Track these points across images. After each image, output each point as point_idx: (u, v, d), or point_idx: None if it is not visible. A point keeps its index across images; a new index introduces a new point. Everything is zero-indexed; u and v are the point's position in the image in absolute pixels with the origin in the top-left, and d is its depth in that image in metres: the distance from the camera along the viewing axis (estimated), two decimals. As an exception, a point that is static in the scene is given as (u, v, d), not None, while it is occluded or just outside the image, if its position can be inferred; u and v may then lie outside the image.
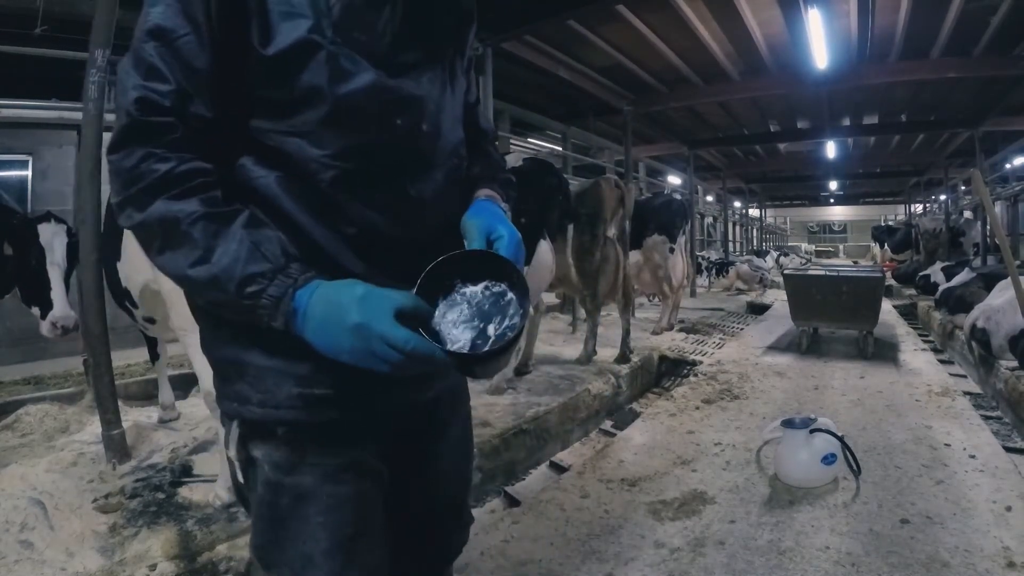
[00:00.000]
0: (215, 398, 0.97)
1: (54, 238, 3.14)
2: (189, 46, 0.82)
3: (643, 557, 2.29)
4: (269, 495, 0.92)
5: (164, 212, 0.80)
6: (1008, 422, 4.04)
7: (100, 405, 2.82)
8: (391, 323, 0.78)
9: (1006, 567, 2.10)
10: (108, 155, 0.82)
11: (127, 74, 0.83)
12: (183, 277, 0.82)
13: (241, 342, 0.91)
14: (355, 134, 0.90)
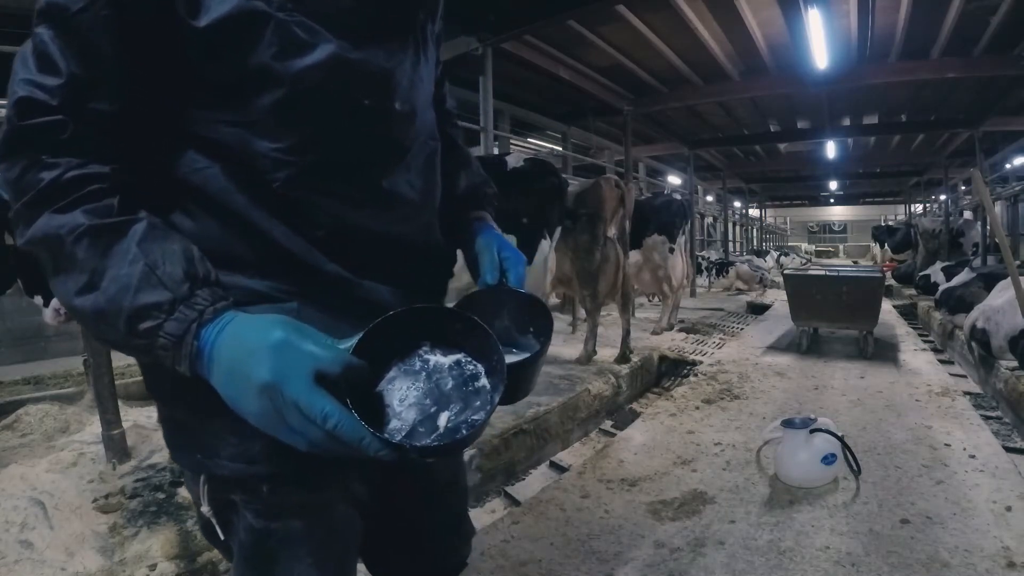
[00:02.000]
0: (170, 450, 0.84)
1: None
2: (88, 24, 0.67)
3: (643, 557, 2.29)
4: (254, 541, 0.81)
5: (46, 228, 0.66)
6: (1008, 422, 4.04)
7: (100, 405, 2.82)
8: (309, 387, 0.60)
9: (1006, 567, 2.10)
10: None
11: (17, 68, 0.69)
12: (71, 308, 0.67)
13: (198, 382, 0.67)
14: (314, 120, 0.75)
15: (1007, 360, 4.39)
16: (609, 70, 7.80)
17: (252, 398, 0.62)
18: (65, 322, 3.12)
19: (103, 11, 0.67)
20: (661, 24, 6.43)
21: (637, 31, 6.47)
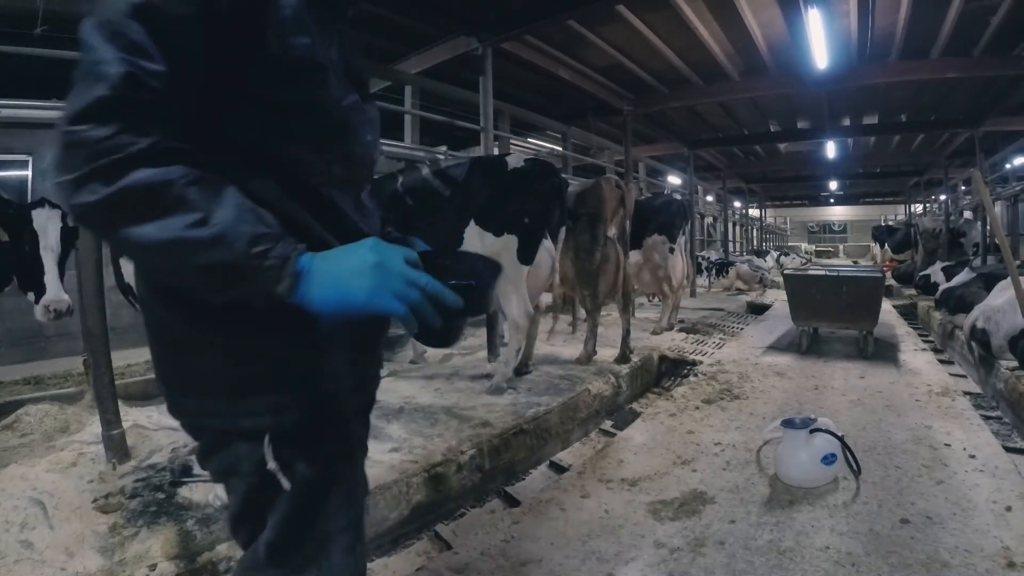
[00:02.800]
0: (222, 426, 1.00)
1: (48, 223, 3.15)
2: (185, 31, 0.81)
3: (643, 557, 2.29)
4: (302, 491, 0.99)
5: (150, 177, 0.76)
6: (1008, 422, 4.04)
7: (100, 405, 2.82)
8: (405, 264, 0.87)
9: (1006, 567, 2.10)
10: (70, 125, 0.76)
11: (103, 43, 0.79)
12: (174, 241, 0.77)
13: (273, 351, 0.95)
14: (344, 143, 1.01)
15: (1007, 360, 4.38)
16: (609, 70, 7.80)
17: (366, 277, 0.84)
18: (55, 319, 3.12)
19: (198, 23, 0.82)
20: (661, 24, 6.43)
21: (637, 31, 6.48)
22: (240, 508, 1.04)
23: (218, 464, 1.04)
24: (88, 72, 0.79)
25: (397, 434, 3.25)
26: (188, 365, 0.99)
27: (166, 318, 0.98)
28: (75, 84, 0.79)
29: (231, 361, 0.96)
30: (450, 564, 2.31)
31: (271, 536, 1.00)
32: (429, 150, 6.63)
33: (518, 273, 4.02)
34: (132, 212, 0.77)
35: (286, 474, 0.98)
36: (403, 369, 4.92)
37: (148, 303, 1.01)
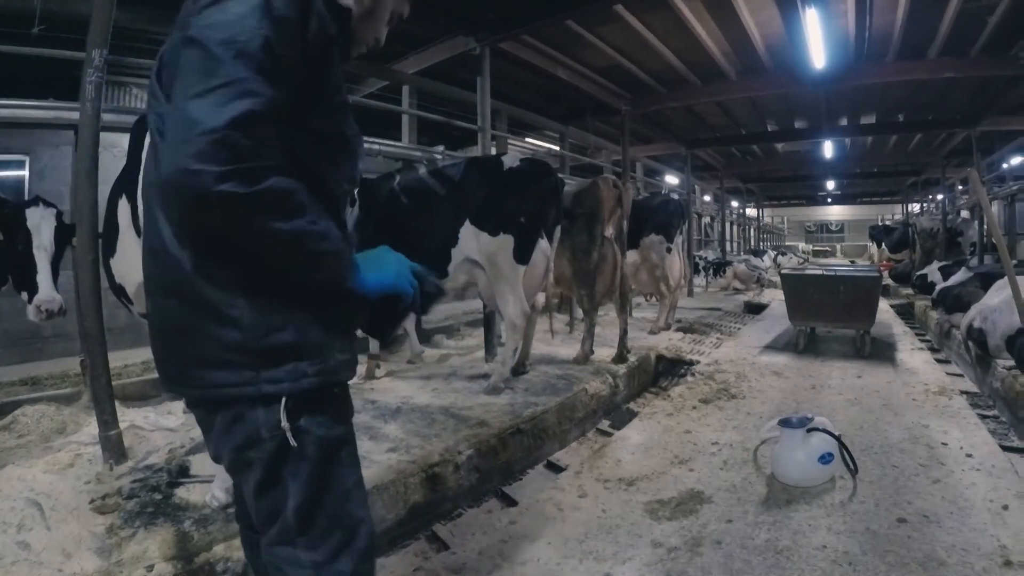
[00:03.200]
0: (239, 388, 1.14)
1: (42, 222, 3.14)
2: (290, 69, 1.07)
3: (640, 556, 2.29)
4: (317, 452, 1.17)
5: (285, 185, 1.02)
6: (1005, 421, 4.05)
7: (97, 406, 2.82)
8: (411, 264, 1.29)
9: (1003, 565, 2.11)
10: (228, 129, 0.95)
11: (234, 60, 1.00)
12: (299, 233, 1.04)
13: (298, 325, 1.15)
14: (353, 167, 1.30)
15: (1004, 359, 4.39)
16: (607, 70, 7.80)
17: (392, 268, 1.23)
18: (47, 319, 3.10)
19: (299, 66, 1.09)
20: (659, 24, 6.43)
21: (635, 31, 6.47)
22: (263, 478, 1.17)
23: (238, 438, 1.16)
24: (231, 84, 0.98)
25: (394, 434, 3.25)
26: (220, 339, 1.12)
27: (210, 295, 1.12)
28: (210, 87, 0.98)
29: (260, 333, 1.12)
30: (447, 564, 2.31)
31: (298, 501, 1.15)
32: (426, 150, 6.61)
33: (515, 273, 4.02)
34: (269, 208, 1.00)
35: (300, 436, 1.15)
36: (400, 369, 4.92)
37: (187, 284, 1.14)
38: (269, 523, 1.19)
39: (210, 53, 1.00)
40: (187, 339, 1.16)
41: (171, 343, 1.20)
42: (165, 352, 1.23)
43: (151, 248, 1.21)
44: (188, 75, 1.01)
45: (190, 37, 1.03)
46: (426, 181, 4.27)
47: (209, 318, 1.13)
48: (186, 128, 0.96)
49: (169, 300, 1.18)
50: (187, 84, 1.00)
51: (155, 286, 1.22)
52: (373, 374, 4.68)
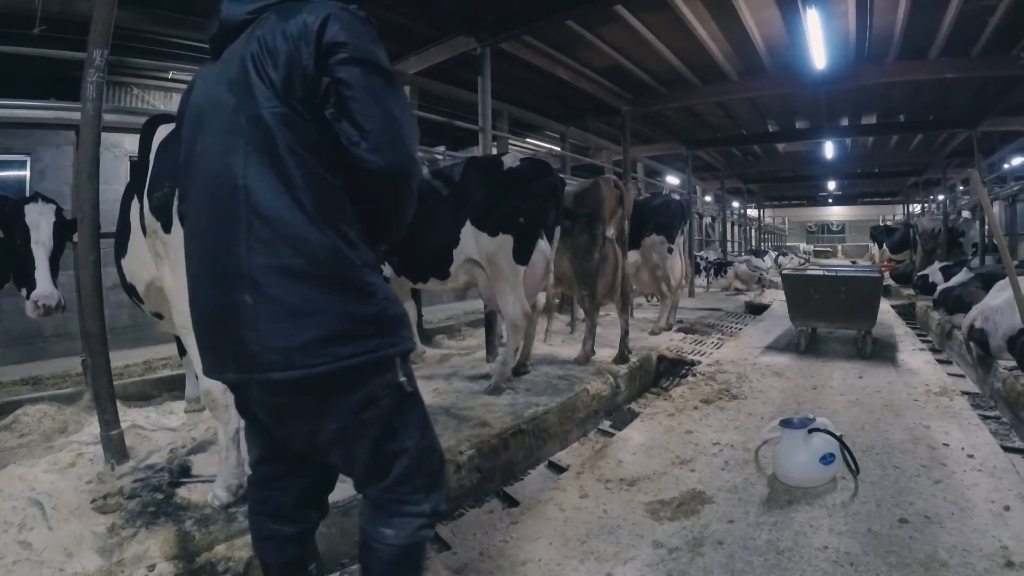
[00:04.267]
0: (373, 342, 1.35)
1: (40, 217, 3.14)
2: None
3: (642, 557, 2.29)
4: (416, 399, 1.49)
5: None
6: (1006, 422, 4.05)
7: (98, 405, 2.82)
8: None
9: (1004, 566, 2.11)
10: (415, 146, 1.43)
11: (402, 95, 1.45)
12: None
13: (395, 299, 1.45)
14: None
15: (1005, 360, 4.39)
16: (607, 70, 7.80)
17: None
18: (44, 315, 3.10)
19: None
20: (659, 24, 6.43)
21: (635, 31, 6.47)
22: (381, 432, 1.41)
23: (352, 405, 1.36)
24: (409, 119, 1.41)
25: (396, 434, 3.25)
26: (355, 314, 1.34)
27: (352, 276, 1.35)
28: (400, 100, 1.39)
29: (386, 304, 1.40)
30: (449, 564, 2.31)
31: (416, 441, 1.44)
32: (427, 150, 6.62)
33: (514, 273, 4.02)
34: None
35: (411, 383, 1.45)
36: (402, 369, 4.92)
37: (330, 267, 1.33)
38: (383, 473, 1.43)
39: (390, 76, 1.37)
40: (314, 319, 1.31)
41: (290, 325, 1.30)
42: (273, 336, 1.30)
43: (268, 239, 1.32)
44: (386, 93, 1.34)
45: (364, 60, 1.33)
46: (428, 182, 4.27)
47: (348, 298, 1.34)
48: (406, 130, 1.37)
49: (292, 284, 1.31)
50: (391, 99, 1.35)
51: (265, 274, 1.31)
52: (374, 374, 4.68)
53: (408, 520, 1.44)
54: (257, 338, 1.31)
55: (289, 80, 1.32)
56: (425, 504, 1.46)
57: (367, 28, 1.38)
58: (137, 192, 2.57)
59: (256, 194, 1.31)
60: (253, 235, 1.31)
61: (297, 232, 1.30)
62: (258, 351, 1.31)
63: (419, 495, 1.45)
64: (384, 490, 1.44)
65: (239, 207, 1.32)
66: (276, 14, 1.39)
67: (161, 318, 2.95)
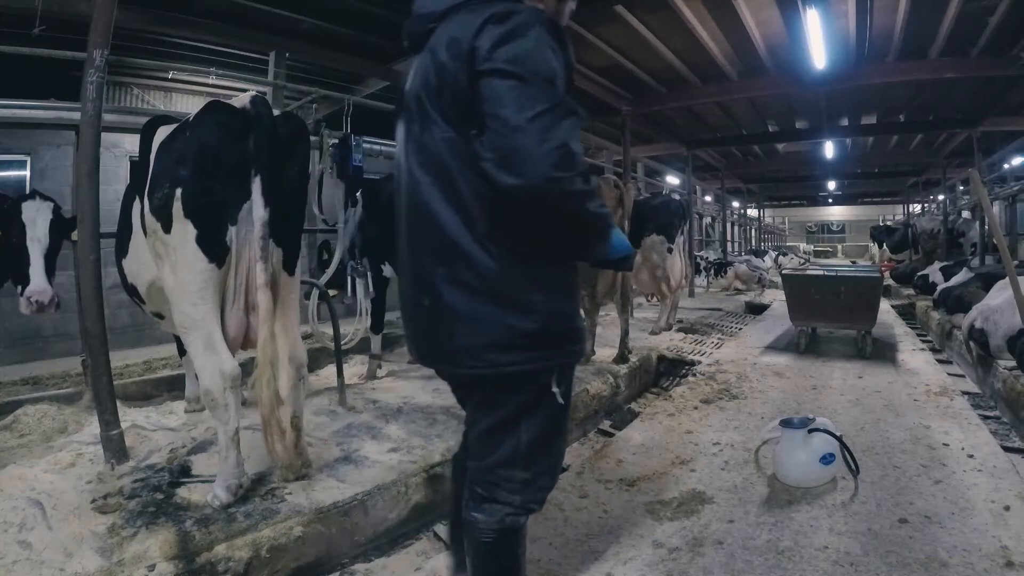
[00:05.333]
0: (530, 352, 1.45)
1: (37, 215, 3.15)
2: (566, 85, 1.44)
3: (642, 557, 2.29)
4: (557, 408, 1.54)
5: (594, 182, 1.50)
6: (1006, 422, 4.05)
7: (98, 405, 2.82)
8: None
9: (1004, 566, 2.11)
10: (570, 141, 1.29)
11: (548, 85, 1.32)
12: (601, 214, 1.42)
13: (571, 315, 1.55)
14: None
15: (1005, 360, 4.39)
16: (607, 70, 7.80)
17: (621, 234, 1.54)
18: (38, 311, 3.10)
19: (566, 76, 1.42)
20: (659, 24, 6.43)
21: (635, 31, 6.47)
22: (504, 419, 1.52)
23: (501, 397, 1.52)
24: (558, 106, 1.28)
25: (396, 434, 3.25)
26: (515, 327, 1.43)
27: (511, 291, 1.43)
28: (540, 110, 1.25)
29: (550, 321, 1.46)
30: (449, 564, 2.31)
31: (531, 437, 1.52)
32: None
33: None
34: (593, 197, 1.37)
35: (552, 396, 1.52)
36: (402, 369, 4.92)
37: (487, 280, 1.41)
38: (494, 450, 1.54)
39: (527, 82, 1.27)
40: (478, 327, 1.44)
41: (457, 330, 1.46)
42: (443, 337, 1.49)
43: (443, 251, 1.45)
44: (512, 102, 1.26)
45: (499, 70, 1.28)
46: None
47: (510, 312, 1.42)
48: (537, 144, 1.24)
49: (461, 294, 1.44)
50: (517, 109, 1.26)
51: (442, 282, 1.46)
52: (374, 374, 4.68)
53: (497, 507, 1.55)
54: (432, 336, 1.55)
55: (453, 99, 1.37)
56: (517, 496, 1.55)
57: (521, 28, 1.31)
58: (138, 193, 2.57)
59: (436, 211, 1.44)
60: (435, 247, 1.46)
61: (467, 249, 1.41)
62: (432, 346, 1.57)
63: (514, 486, 1.54)
64: (483, 469, 1.57)
65: (426, 220, 1.47)
66: (461, 14, 1.40)
67: (162, 318, 2.95)
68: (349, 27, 6.44)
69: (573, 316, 1.56)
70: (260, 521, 2.25)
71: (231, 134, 2.35)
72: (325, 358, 4.83)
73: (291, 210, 2.58)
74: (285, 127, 2.50)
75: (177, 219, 2.32)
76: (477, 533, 1.57)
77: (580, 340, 1.57)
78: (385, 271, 4.58)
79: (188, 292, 2.35)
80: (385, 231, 4.45)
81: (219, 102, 2.46)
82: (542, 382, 1.50)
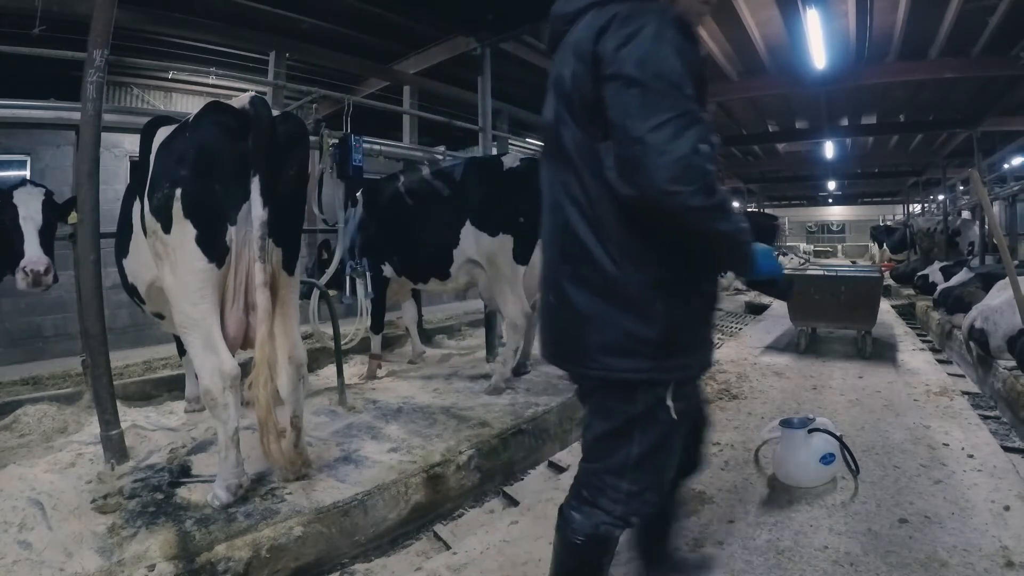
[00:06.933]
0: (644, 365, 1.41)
1: (29, 197, 3.18)
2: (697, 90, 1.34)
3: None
4: (670, 422, 1.46)
5: (726, 195, 1.30)
6: (1006, 421, 4.04)
7: (98, 405, 2.82)
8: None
9: (1004, 566, 2.11)
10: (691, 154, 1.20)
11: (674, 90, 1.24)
12: (735, 231, 1.31)
13: (694, 327, 1.47)
14: None
15: (1005, 360, 4.38)
16: (608, 70, 7.79)
17: (770, 257, 1.45)
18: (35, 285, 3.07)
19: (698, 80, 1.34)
20: (659, 24, 6.43)
21: (636, 31, 6.47)
22: (616, 428, 1.49)
23: (615, 405, 1.48)
24: (681, 115, 1.21)
25: (396, 434, 3.25)
26: (633, 333, 1.39)
27: (632, 297, 1.38)
28: (663, 120, 1.19)
29: (672, 332, 1.39)
30: (449, 564, 2.31)
31: (641, 450, 1.47)
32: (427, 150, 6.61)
33: (514, 273, 4.02)
34: (719, 213, 1.26)
35: (665, 410, 1.45)
36: (402, 369, 4.92)
37: (608, 285, 1.39)
38: (604, 457, 1.52)
39: (650, 89, 1.21)
40: (595, 328, 1.42)
41: (575, 329, 1.46)
42: (565, 336, 1.51)
43: (570, 249, 1.45)
44: (634, 110, 1.22)
45: (621, 75, 1.24)
46: (428, 182, 4.27)
47: (630, 317, 1.39)
48: (655, 156, 1.19)
49: (576, 292, 1.44)
50: (637, 118, 1.21)
51: (566, 280, 1.46)
52: (375, 374, 4.68)
53: (597, 512, 1.53)
54: (555, 334, 1.55)
55: (581, 103, 1.35)
56: (619, 507, 1.52)
57: (644, 29, 1.26)
58: (138, 193, 2.58)
59: (563, 208, 1.45)
60: (562, 245, 1.47)
61: (592, 251, 1.40)
62: (555, 345, 1.57)
63: (619, 496, 1.51)
64: (591, 472, 1.56)
65: (555, 216, 1.49)
66: (590, 15, 1.38)
67: (162, 318, 2.96)
68: (349, 27, 6.45)
69: (698, 328, 1.49)
70: (260, 521, 2.25)
71: (230, 134, 2.35)
72: (325, 358, 4.83)
73: (290, 210, 2.59)
74: (284, 127, 2.50)
75: (177, 219, 2.32)
76: (570, 532, 1.57)
77: (704, 354, 1.52)
78: (385, 271, 4.58)
79: (188, 292, 2.35)
80: (386, 231, 4.45)
81: (219, 102, 2.46)
82: (658, 394, 1.44)
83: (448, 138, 10.62)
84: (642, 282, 1.38)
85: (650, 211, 1.28)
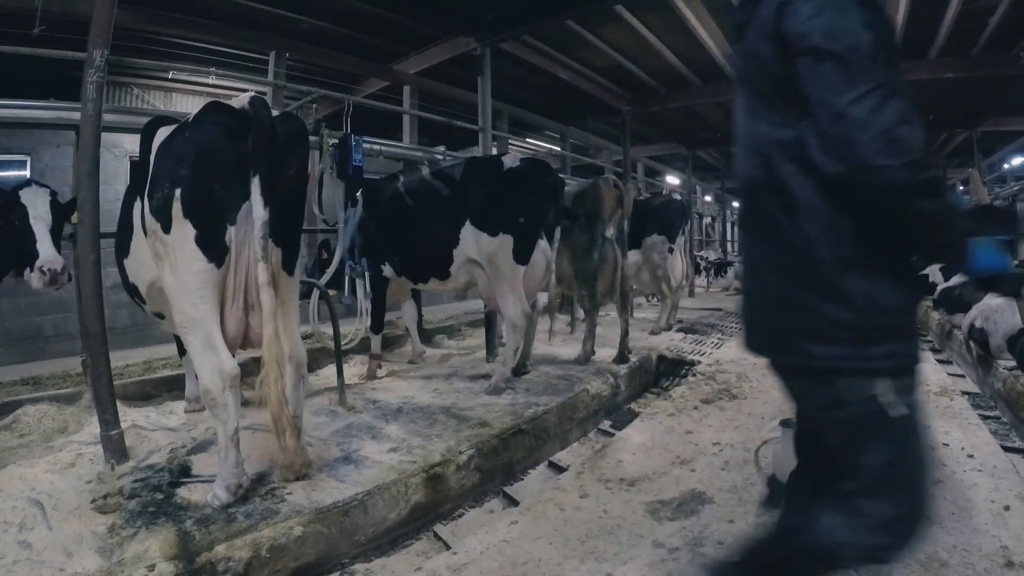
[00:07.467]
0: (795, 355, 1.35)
1: (36, 197, 3.19)
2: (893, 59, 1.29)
3: (642, 557, 2.29)
4: (903, 422, 1.27)
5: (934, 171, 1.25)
6: (1006, 422, 4.04)
7: (98, 405, 2.82)
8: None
9: (1004, 566, 2.10)
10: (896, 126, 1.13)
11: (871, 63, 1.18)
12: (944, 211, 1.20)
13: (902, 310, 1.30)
14: None
15: (1005, 360, 4.38)
16: (607, 70, 7.80)
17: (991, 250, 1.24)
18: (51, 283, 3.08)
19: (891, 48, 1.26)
20: (659, 24, 6.44)
21: (636, 31, 6.48)
22: (842, 437, 1.33)
23: (824, 400, 1.34)
24: (881, 86, 1.15)
25: (396, 434, 3.25)
26: (829, 316, 1.28)
27: (825, 276, 1.28)
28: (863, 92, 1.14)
29: (871, 316, 1.26)
30: (449, 564, 2.31)
31: (872, 460, 1.28)
32: (427, 150, 6.62)
33: (514, 273, 4.02)
34: (927, 190, 1.16)
35: (894, 408, 1.26)
36: (402, 369, 4.92)
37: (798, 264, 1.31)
38: (827, 473, 1.36)
39: (846, 61, 1.17)
40: (791, 314, 1.34)
41: (771, 315, 1.41)
42: (761, 322, 1.46)
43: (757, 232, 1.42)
44: (831, 84, 1.17)
45: (813, 48, 1.19)
46: (428, 182, 4.27)
47: (820, 297, 1.28)
48: (858, 130, 1.13)
49: (771, 277, 1.38)
50: (836, 92, 1.16)
51: (759, 264, 1.43)
52: (375, 374, 4.68)
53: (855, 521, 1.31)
54: (755, 321, 1.51)
55: (769, 83, 1.32)
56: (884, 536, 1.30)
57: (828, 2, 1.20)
58: (138, 193, 2.58)
59: (758, 191, 1.39)
60: (759, 229, 1.43)
61: (783, 229, 1.33)
62: (755, 332, 1.52)
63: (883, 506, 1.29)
64: (809, 491, 1.47)
65: (751, 201, 1.45)
66: None
67: (162, 318, 2.96)
68: (349, 27, 6.45)
69: (905, 312, 1.33)
70: (260, 521, 2.25)
71: (230, 135, 2.35)
72: (325, 358, 4.83)
73: (290, 210, 2.59)
74: (284, 128, 2.50)
75: (177, 219, 2.32)
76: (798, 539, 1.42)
77: (912, 343, 1.34)
78: (385, 271, 4.58)
79: (188, 292, 2.35)
80: (386, 231, 4.45)
81: (218, 103, 2.46)
82: (860, 387, 1.28)
83: (448, 138, 10.63)
84: (832, 261, 1.28)
85: (853, 189, 1.20)
